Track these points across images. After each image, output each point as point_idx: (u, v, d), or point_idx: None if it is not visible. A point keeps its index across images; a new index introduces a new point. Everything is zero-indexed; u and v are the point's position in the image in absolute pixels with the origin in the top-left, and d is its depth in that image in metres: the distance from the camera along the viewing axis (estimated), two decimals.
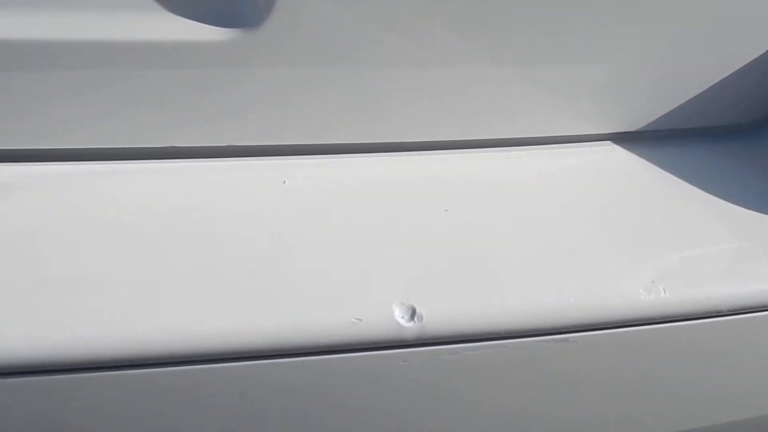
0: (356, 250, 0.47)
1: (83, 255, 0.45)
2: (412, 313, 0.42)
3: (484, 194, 0.53)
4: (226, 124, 0.54)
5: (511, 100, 0.56)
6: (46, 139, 0.52)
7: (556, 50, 0.55)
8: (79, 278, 0.43)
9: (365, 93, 0.54)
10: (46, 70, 0.50)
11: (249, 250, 0.46)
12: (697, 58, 0.60)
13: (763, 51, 0.60)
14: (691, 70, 0.60)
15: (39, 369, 0.38)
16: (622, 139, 0.62)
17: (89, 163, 0.53)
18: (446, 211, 0.51)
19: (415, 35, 0.52)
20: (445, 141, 0.56)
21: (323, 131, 0.55)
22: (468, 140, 0.56)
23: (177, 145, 0.55)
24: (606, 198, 0.57)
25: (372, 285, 0.44)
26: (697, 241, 0.54)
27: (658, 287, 0.47)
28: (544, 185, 0.57)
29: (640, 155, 0.61)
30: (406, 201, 0.52)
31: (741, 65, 0.60)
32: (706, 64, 0.60)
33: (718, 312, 0.48)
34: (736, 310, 0.49)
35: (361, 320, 0.41)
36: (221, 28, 0.51)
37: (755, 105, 0.65)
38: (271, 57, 0.51)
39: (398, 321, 0.42)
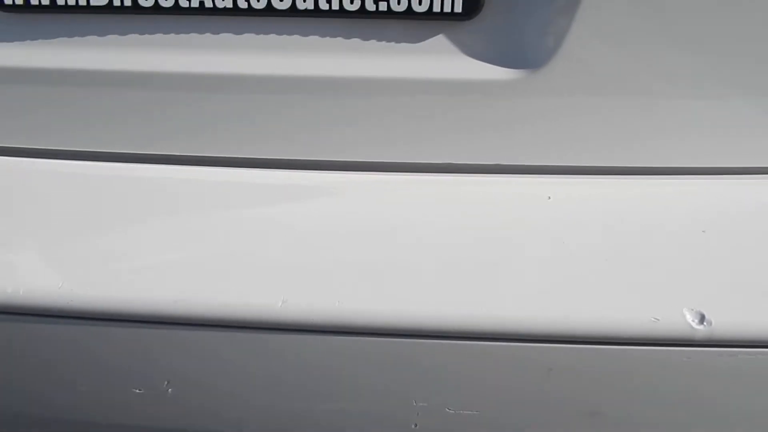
0: (636, 258, 0.54)
1: (400, 246, 0.55)
2: (701, 318, 0.49)
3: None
4: (498, 144, 0.63)
5: None
6: (350, 153, 0.64)
7: None
8: (420, 268, 0.53)
9: (623, 120, 0.62)
10: (361, 100, 0.62)
11: (548, 252, 0.55)
12: None
13: None
14: None
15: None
16: None
17: (383, 174, 0.64)
18: (703, 231, 0.57)
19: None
20: (696, 167, 0.62)
21: (583, 154, 0.63)
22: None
23: (454, 162, 0.65)
24: None
25: (664, 290, 0.51)
26: None
27: None
28: None
29: None
30: (665, 221, 0.59)
31: None
32: None
33: None
34: None
35: (658, 320, 0.48)
36: (509, 69, 0.61)
37: None
38: (550, 93, 0.60)
39: (690, 324, 0.48)
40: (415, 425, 0.55)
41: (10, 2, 0.65)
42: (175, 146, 0.65)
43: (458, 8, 0.60)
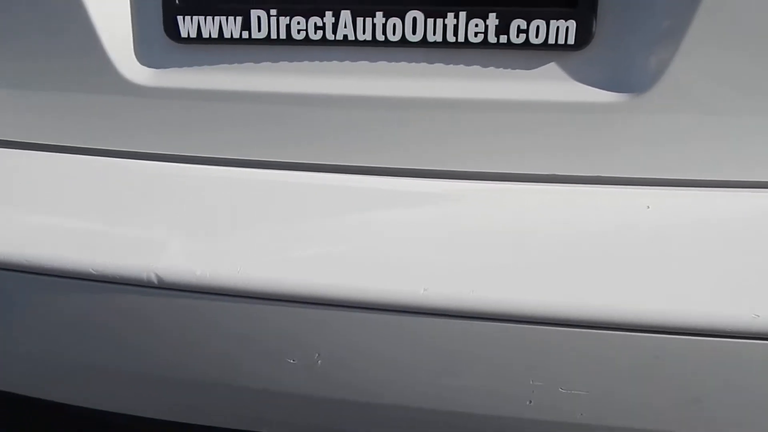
0: (734, 259, 0.61)
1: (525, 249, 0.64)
2: None
3: None
4: (602, 159, 0.71)
5: None
6: (474, 164, 0.73)
7: None
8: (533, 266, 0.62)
9: (719, 138, 0.69)
10: (482, 119, 0.72)
11: (652, 252, 0.62)
12: None
13: None
14: None
15: None
16: None
17: (498, 183, 0.73)
18: None
19: None
20: None
21: (680, 168, 0.70)
22: None
23: (558, 173, 0.73)
24: None
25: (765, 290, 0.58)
26: None
27: None
28: None
29: None
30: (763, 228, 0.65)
31: None
32: None
33: None
34: None
35: (758, 316, 0.55)
36: (615, 93, 0.69)
37: None
38: (652, 114, 0.68)
39: None
40: (530, 402, 0.63)
41: (186, 35, 0.78)
42: (325, 157, 0.77)
43: (571, 40, 0.68)
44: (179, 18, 0.78)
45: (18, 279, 0.71)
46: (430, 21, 0.71)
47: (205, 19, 0.77)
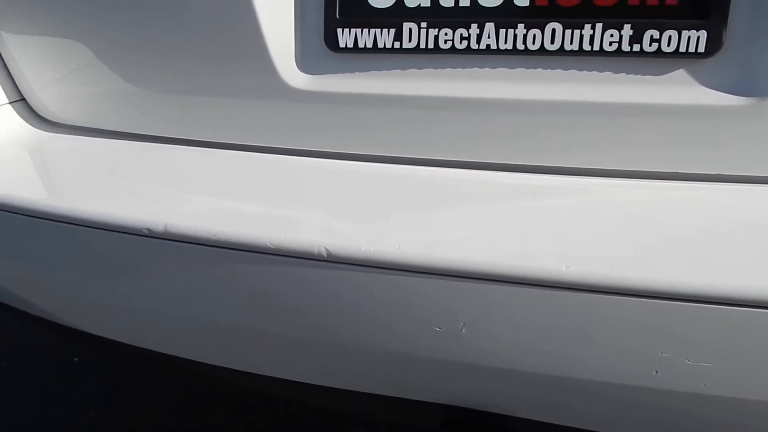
0: None
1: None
2: None
3: None
4: (725, 157, 0.77)
5: None
6: (606, 161, 0.81)
7: None
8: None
9: None
10: (615, 120, 0.79)
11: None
12: None
13: None
14: None
15: None
16: None
17: (628, 180, 0.81)
18: None
19: None
20: None
21: None
22: None
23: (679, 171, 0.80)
24: None
25: None
26: None
27: None
28: None
29: None
30: None
31: None
32: None
33: None
34: None
35: None
36: (741, 97, 0.75)
37: None
38: None
39: None
40: (656, 372, 0.70)
41: (343, 45, 0.90)
42: (466, 154, 0.86)
43: (701, 49, 0.75)
44: (339, 30, 0.89)
45: (205, 253, 0.84)
46: (568, 31, 0.80)
47: (362, 30, 0.88)
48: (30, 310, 1.16)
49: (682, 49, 0.76)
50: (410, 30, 0.86)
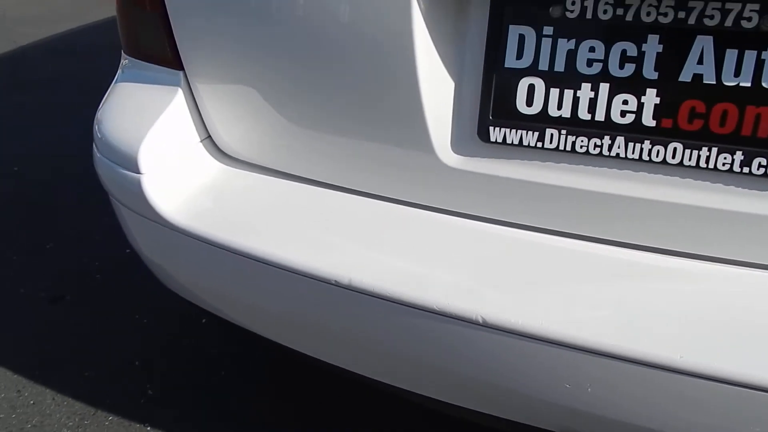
0: None
1: None
2: None
3: None
4: None
5: None
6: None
7: None
8: None
9: None
10: None
11: None
12: None
13: None
14: None
15: None
16: None
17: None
18: None
19: None
20: None
21: None
22: None
23: None
24: None
25: None
26: None
27: None
28: None
29: None
30: None
31: None
32: None
33: None
34: None
35: None
36: None
37: None
38: None
39: None
40: None
41: (494, 140, 1.10)
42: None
43: None
44: (491, 128, 1.09)
45: (378, 304, 1.09)
46: (688, 150, 0.97)
47: (510, 130, 1.08)
48: (220, 314, 1.45)
49: None
50: (552, 134, 1.05)
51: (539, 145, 1.07)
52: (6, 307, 2.42)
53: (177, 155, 1.37)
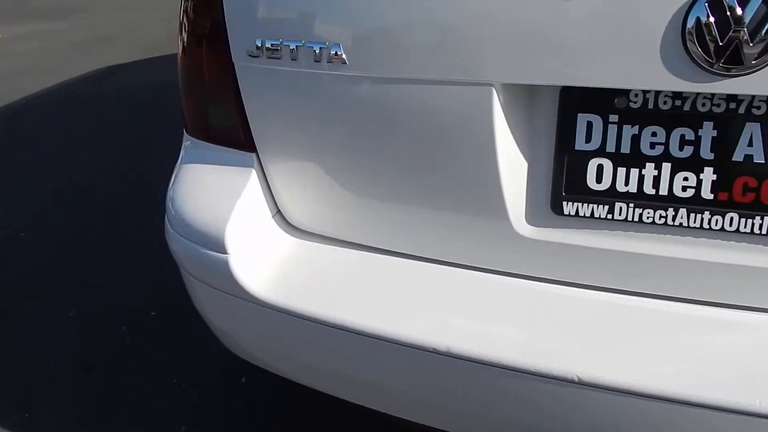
0: None
1: None
2: None
3: None
4: None
5: None
6: None
7: None
8: None
9: None
10: None
11: None
12: None
13: None
14: None
15: None
16: None
17: None
18: None
19: None
20: None
21: None
22: None
23: None
24: None
25: None
26: None
27: None
28: None
29: None
30: None
31: None
32: None
33: None
34: None
35: None
36: None
37: None
38: None
39: None
40: None
41: (567, 213, 1.24)
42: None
43: None
44: (564, 202, 1.23)
45: (474, 368, 1.20)
46: (743, 219, 1.13)
47: (582, 204, 1.22)
48: (292, 377, 1.54)
49: None
50: (620, 208, 1.20)
51: (609, 216, 1.22)
52: None
53: (256, 234, 1.47)
